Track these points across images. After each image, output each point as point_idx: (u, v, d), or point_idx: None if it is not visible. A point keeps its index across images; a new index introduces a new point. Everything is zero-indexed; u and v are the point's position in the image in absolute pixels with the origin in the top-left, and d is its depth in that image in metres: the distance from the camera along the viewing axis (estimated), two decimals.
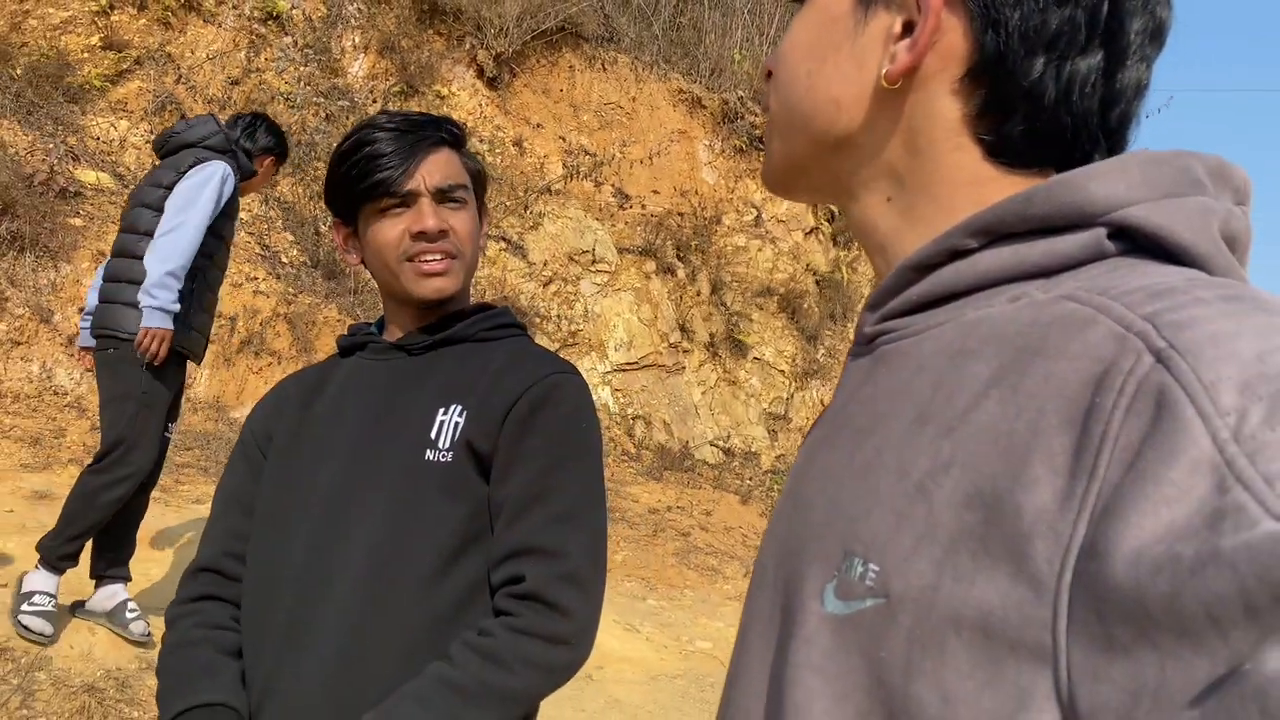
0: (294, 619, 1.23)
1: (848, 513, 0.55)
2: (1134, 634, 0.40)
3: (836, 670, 0.53)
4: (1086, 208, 0.54)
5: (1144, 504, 0.41)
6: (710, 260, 9.57)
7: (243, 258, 7.18)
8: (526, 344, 1.41)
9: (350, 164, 1.33)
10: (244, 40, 8.22)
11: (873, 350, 0.64)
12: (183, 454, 6.04)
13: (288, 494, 1.32)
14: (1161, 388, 0.43)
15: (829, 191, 0.69)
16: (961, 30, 0.59)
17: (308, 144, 8.25)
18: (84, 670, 3.29)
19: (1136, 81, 0.60)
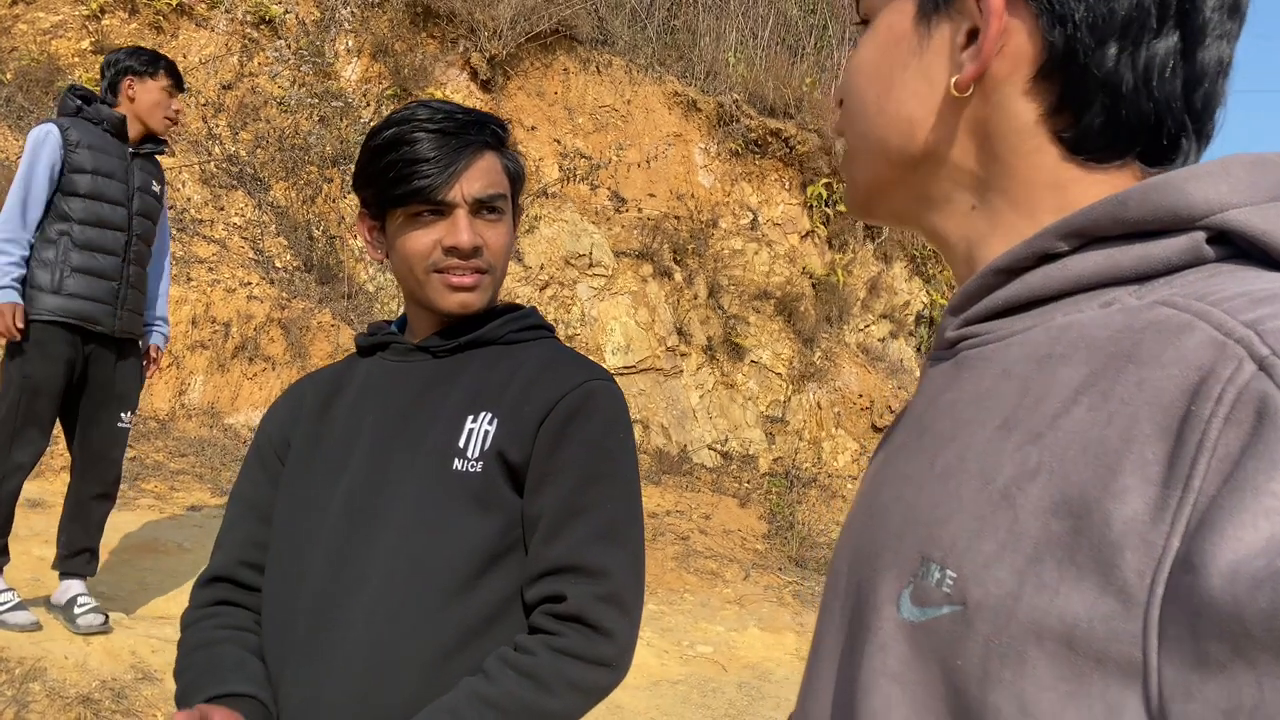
0: (316, 630, 1.19)
1: (926, 518, 0.54)
2: (1230, 651, 0.39)
3: (915, 679, 0.51)
4: (1184, 210, 0.52)
5: (1243, 516, 0.39)
6: (707, 263, 9.55)
7: (236, 262, 7.14)
8: (557, 347, 1.36)
9: (387, 162, 1.25)
10: (236, 44, 8.18)
11: (954, 355, 0.62)
12: (177, 460, 5.99)
13: (307, 502, 1.27)
14: (1264, 397, 0.41)
15: (914, 209, 0.68)
16: (1027, 30, 0.57)
17: (301, 147, 8.21)
18: (79, 681, 3.24)
19: (1218, 59, 0.58)
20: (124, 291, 3.61)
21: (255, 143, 8.09)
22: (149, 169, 3.73)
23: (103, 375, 3.62)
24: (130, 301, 3.64)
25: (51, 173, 3.46)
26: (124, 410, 3.69)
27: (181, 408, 6.48)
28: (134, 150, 3.66)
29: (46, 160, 3.46)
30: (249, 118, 8.12)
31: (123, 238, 3.60)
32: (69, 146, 3.50)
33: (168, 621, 3.92)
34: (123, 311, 3.61)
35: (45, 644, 3.35)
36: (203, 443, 6.31)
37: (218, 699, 1.15)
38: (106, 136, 3.59)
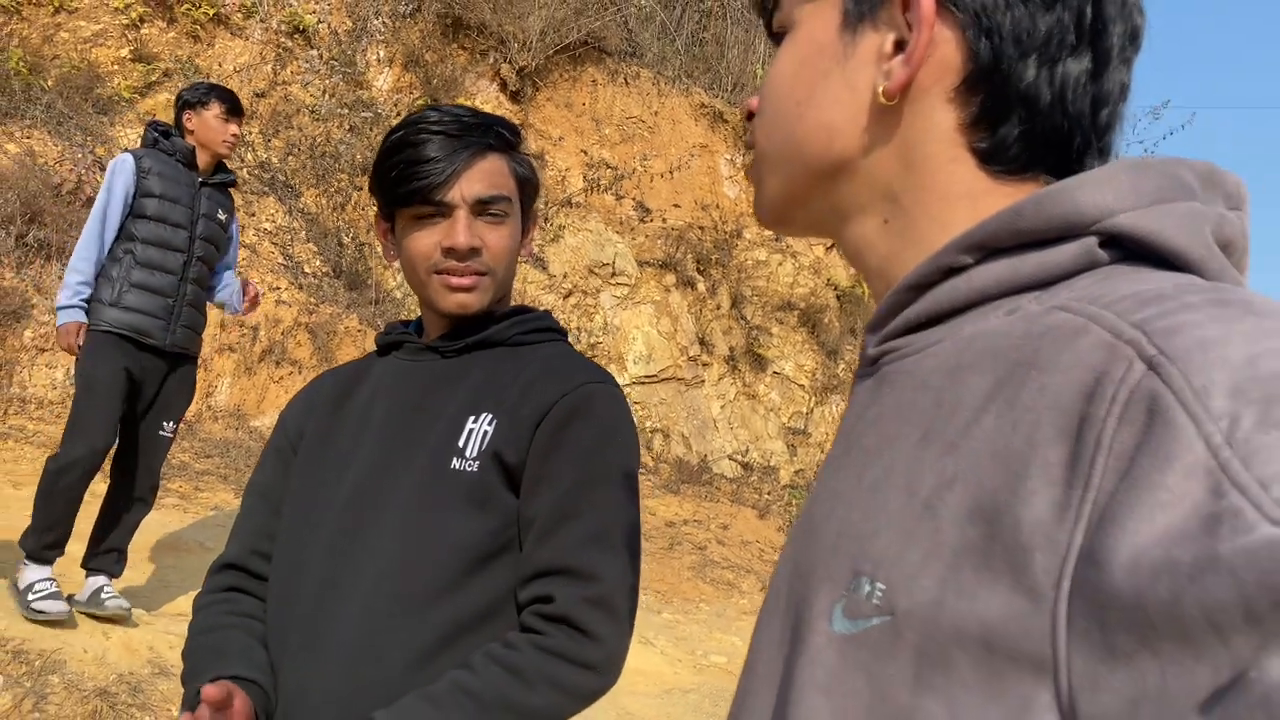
0: (312, 620, 1.22)
1: (857, 533, 0.56)
2: (1135, 641, 0.40)
3: (840, 690, 0.53)
4: (1074, 218, 0.54)
5: (1140, 510, 0.41)
6: (731, 274, 9.57)
7: (266, 268, 7.26)
8: (563, 350, 1.36)
9: (392, 164, 1.29)
10: (270, 53, 8.33)
11: (877, 371, 0.64)
12: (202, 461, 6.10)
13: (313, 493, 1.30)
14: (1153, 394, 0.43)
15: (826, 220, 0.69)
16: (954, 41, 0.59)
17: (332, 155, 8.34)
18: (97, 674, 3.32)
19: (1121, 83, 0.61)
20: (179, 309, 3.82)
21: (287, 150, 8.23)
22: (217, 198, 3.96)
23: (152, 386, 3.82)
24: (185, 318, 3.84)
25: (125, 198, 3.75)
26: (167, 420, 3.87)
27: (208, 409, 6.60)
28: (204, 180, 3.92)
29: (121, 187, 3.75)
30: (281, 125, 8.26)
31: (181, 258, 3.83)
32: (141, 174, 3.78)
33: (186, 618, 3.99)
34: (176, 328, 3.82)
35: (65, 637, 3.44)
36: (228, 444, 6.42)
37: (223, 678, 1.18)
38: (178, 166, 3.87)
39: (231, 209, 4.06)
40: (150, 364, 3.79)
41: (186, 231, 3.83)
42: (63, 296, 3.67)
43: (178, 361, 3.88)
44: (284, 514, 1.34)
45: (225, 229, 4.00)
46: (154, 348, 3.76)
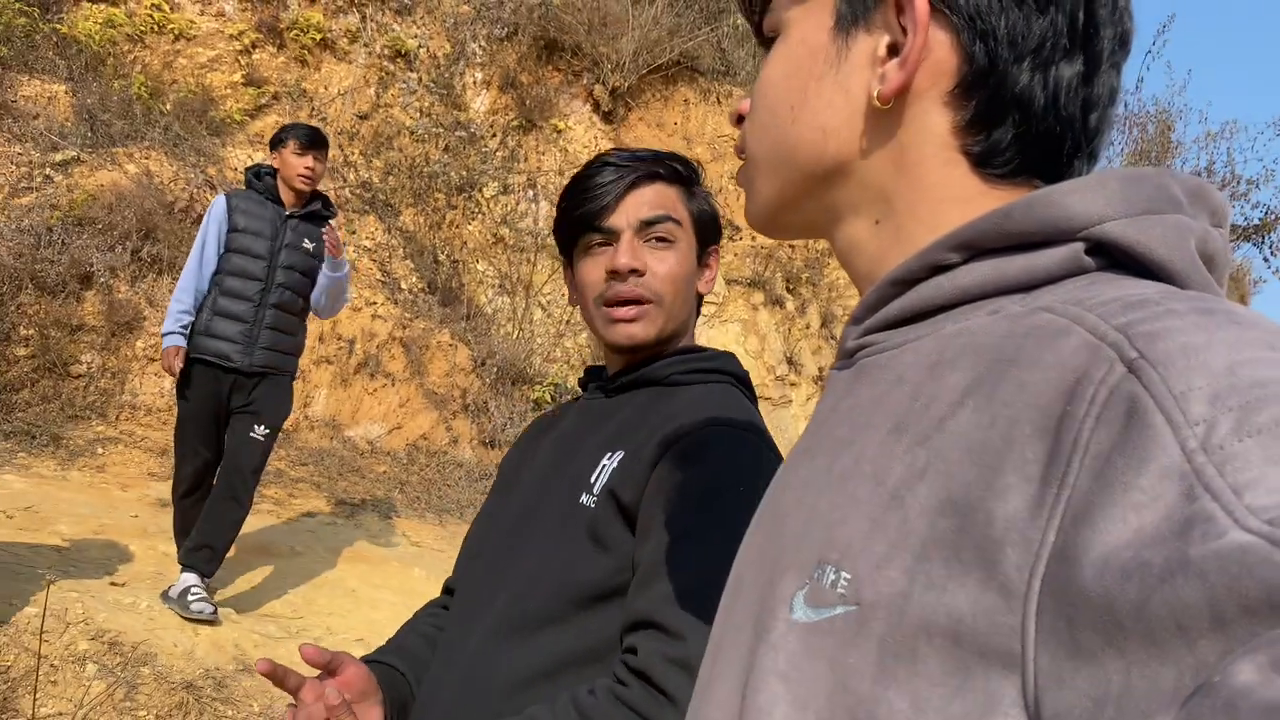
0: (454, 637, 1.28)
1: (824, 521, 0.56)
2: (1101, 640, 0.40)
3: (799, 676, 0.53)
4: (1064, 223, 0.54)
5: (1113, 510, 0.41)
6: (821, 293, 9.48)
7: (363, 283, 7.50)
8: (718, 391, 1.31)
9: (567, 195, 1.32)
10: (373, 76, 8.63)
11: (854, 363, 0.64)
12: (297, 469, 6.32)
13: (488, 523, 1.37)
14: (1132, 397, 0.43)
15: (819, 224, 0.69)
16: (949, 44, 0.59)
17: (429, 175, 8.58)
18: (185, 668, 3.47)
19: (1110, 87, 0.61)
20: (257, 332, 4.12)
21: (387, 170, 8.50)
22: (304, 229, 4.25)
23: (240, 399, 4.13)
24: (265, 341, 4.13)
25: (219, 233, 4.15)
26: (257, 425, 4.11)
27: (305, 419, 6.84)
28: (290, 213, 4.22)
29: (214, 224, 4.16)
30: (382, 146, 8.54)
31: (259, 286, 4.13)
32: (231, 211, 4.17)
33: (271, 619, 4.15)
34: (256, 350, 4.11)
35: (157, 632, 3.61)
36: (322, 453, 6.64)
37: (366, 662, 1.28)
38: (264, 202, 4.22)
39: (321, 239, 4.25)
40: (237, 381, 4.12)
41: (266, 261, 4.14)
42: (166, 324, 4.06)
43: (264, 378, 4.15)
44: (463, 546, 1.41)
45: (313, 257, 4.24)
46: (235, 369, 4.07)
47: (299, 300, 4.27)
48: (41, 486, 4.96)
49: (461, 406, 7.61)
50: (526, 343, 8.35)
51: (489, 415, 7.65)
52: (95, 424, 5.97)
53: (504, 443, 7.56)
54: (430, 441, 7.34)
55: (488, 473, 7.25)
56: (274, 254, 4.15)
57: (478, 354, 7.87)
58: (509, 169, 8.96)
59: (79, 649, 3.32)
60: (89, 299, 6.30)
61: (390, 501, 6.33)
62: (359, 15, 8.66)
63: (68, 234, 6.32)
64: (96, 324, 6.28)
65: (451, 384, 7.64)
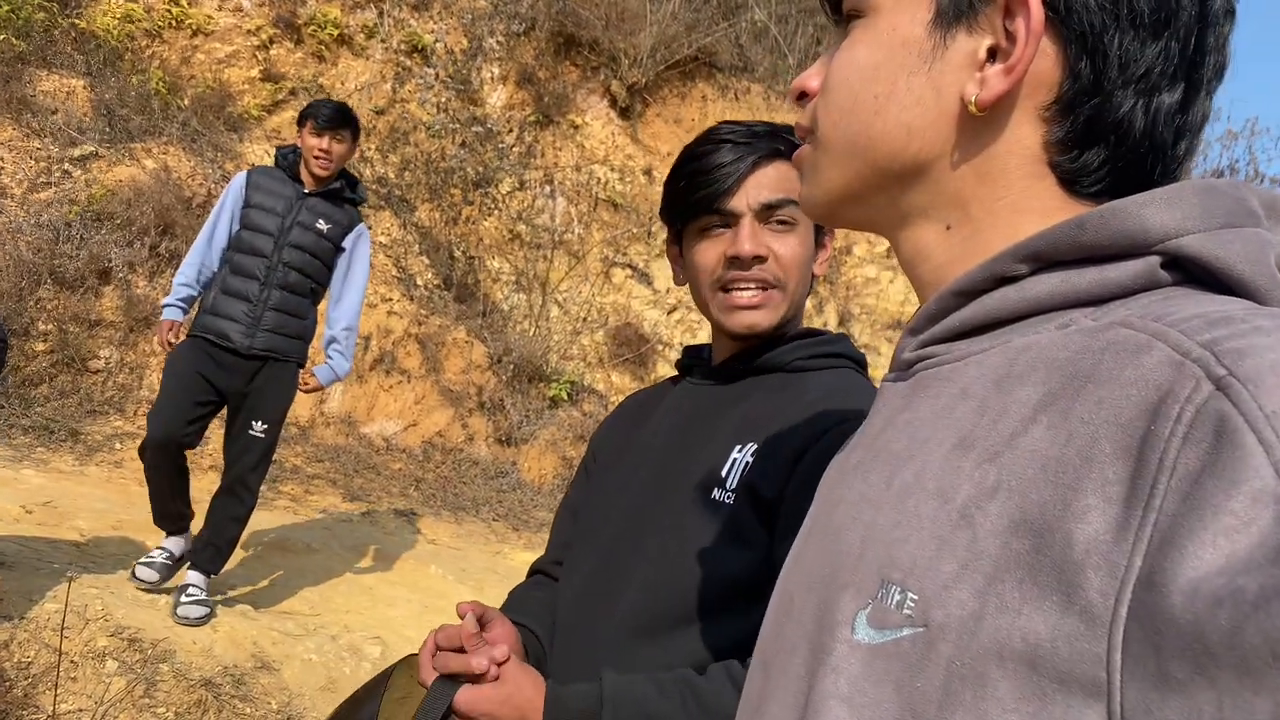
0: (573, 630, 1.24)
1: (885, 539, 0.54)
2: (1191, 670, 0.39)
3: (864, 701, 0.51)
4: (1139, 236, 0.52)
5: (1203, 535, 0.39)
6: (839, 291, 9.44)
7: (379, 279, 7.49)
8: (849, 379, 1.26)
9: (681, 176, 1.26)
10: (390, 72, 8.62)
11: (911, 375, 0.62)
12: (314, 465, 6.32)
13: (594, 512, 1.33)
14: (1221, 416, 0.41)
15: (883, 223, 0.66)
16: (1055, 57, 0.57)
17: (446, 170, 8.57)
18: (204, 665, 3.45)
19: (1204, 115, 0.59)
20: (261, 313, 3.94)
21: (403, 165, 8.49)
22: (321, 209, 4.06)
23: (237, 387, 3.95)
24: (270, 323, 3.96)
25: (235, 208, 4.02)
26: (255, 420, 3.98)
27: (321, 415, 6.84)
28: (309, 192, 4.06)
29: (230, 199, 4.03)
30: (399, 141, 8.53)
31: (264, 264, 3.96)
32: (250, 187, 4.03)
33: (290, 616, 4.14)
34: (258, 332, 3.93)
35: (176, 628, 3.60)
36: (338, 450, 6.64)
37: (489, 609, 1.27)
38: (284, 179, 4.06)
39: (345, 222, 4.11)
40: (234, 365, 3.91)
41: (274, 239, 3.95)
42: (166, 297, 3.97)
43: (265, 364, 3.97)
44: (575, 528, 1.37)
45: (330, 240, 4.06)
46: (234, 350, 3.90)
47: (308, 282, 4.05)
48: (60, 482, 4.96)
49: (478, 404, 7.60)
50: (543, 340, 8.33)
51: (505, 413, 7.63)
52: (113, 419, 5.97)
53: (519, 440, 7.54)
54: (446, 439, 7.33)
55: (504, 470, 7.24)
56: (283, 232, 3.96)
57: (494, 351, 7.85)
58: (525, 165, 8.94)
59: (99, 645, 3.31)
60: (107, 294, 6.30)
61: (406, 499, 6.32)
62: (376, 11, 8.65)
63: (86, 229, 6.33)
64: (115, 319, 6.29)
65: (468, 381, 7.63)
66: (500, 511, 6.54)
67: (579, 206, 8.96)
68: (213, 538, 3.92)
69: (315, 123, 3.94)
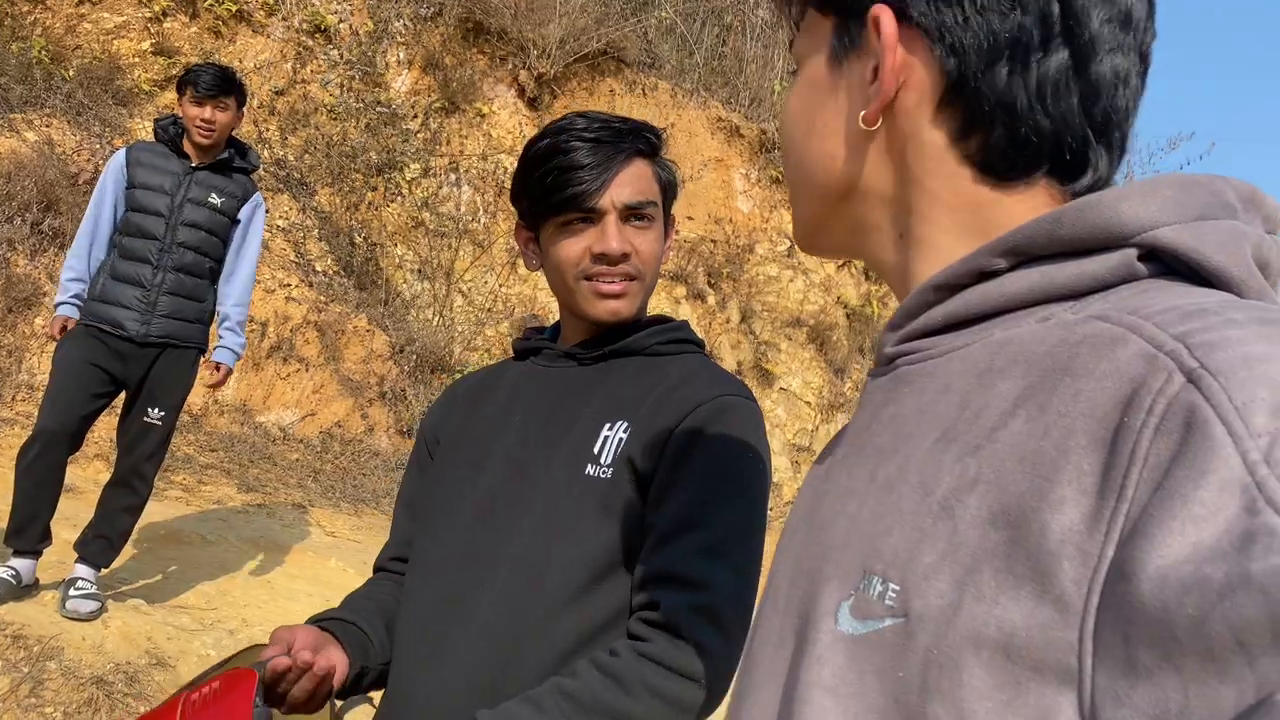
0: (440, 620, 1.23)
1: (868, 531, 0.55)
2: (1158, 657, 0.39)
3: (849, 691, 0.52)
4: (1116, 229, 0.53)
5: (1172, 523, 0.40)
6: (741, 288, 9.56)
7: (276, 264, 7.27)
8: (703, 361, 1.35)
9: (543, 172, 1.29)
10: (291, 51, 8.36)
11: (893, 370, 0.63)
12: (207, 455, 6.10)
13: (445, 498, 1.32)
14: (1192, 407, 0.42)
15: (850, 240, 0.70)
16: (925, 60, 0.60)
17: (348, 155, 8.36)
18: (94, 662, 3.31)
19: (1113, 72, 0.59)
20: (155, 299, 3.71)
21: (304, 148, 8.25)
22: (213, 183, 3.81)
23: (136, 376, 3.74)
24: (166, 308, 3.73)
25: (117, 189, 3.76)
26: (152, 407, 3.76)
27: (214, 403, 6.60)
28: (197, 165, 3.80)
29: (111, 180, 3.76)
30: (299, 123, 8.28)
31: (156, 246, 3.72)
32: (130, 165, 3.76)
33: (185, 610, 3.99)
34: (154, 318, 3.71)
35: (64, 624, 3.43)
36: (233, 439, 6.42)
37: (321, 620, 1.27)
38: (168, 154, 3.79)
39: (239, 195, 3.89)
40: (131, 354, 3.70)
41: (165, 219, 3.72)
42: (58, 296, 3.75)
43: (164, 351, 3.77)
44: (418, 519, 1.36)
45: (225, 214, 3.85)
46: (129, 338, 3.68)
47: (205, 261, 3.82)
48: None
49: (378, 394, 7.44)
50: (447, 330, 8.21)
51: (407, 404, 7.50)
52: None
53: None
54: (345, 430, 7.17)
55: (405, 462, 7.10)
56: (174, 210, 3.72)
57: (396, 340, 7.70)
58: (431, 151, 8.79)
59: None
60: None
61: (304, 490, 6.16)
62: None
63: None
64: None
65: (368, 371, 7.46)
66: None
67: (485, 195, 8.86)
68: (104, 529, 3.73)
69: (195, 90, 3.68)
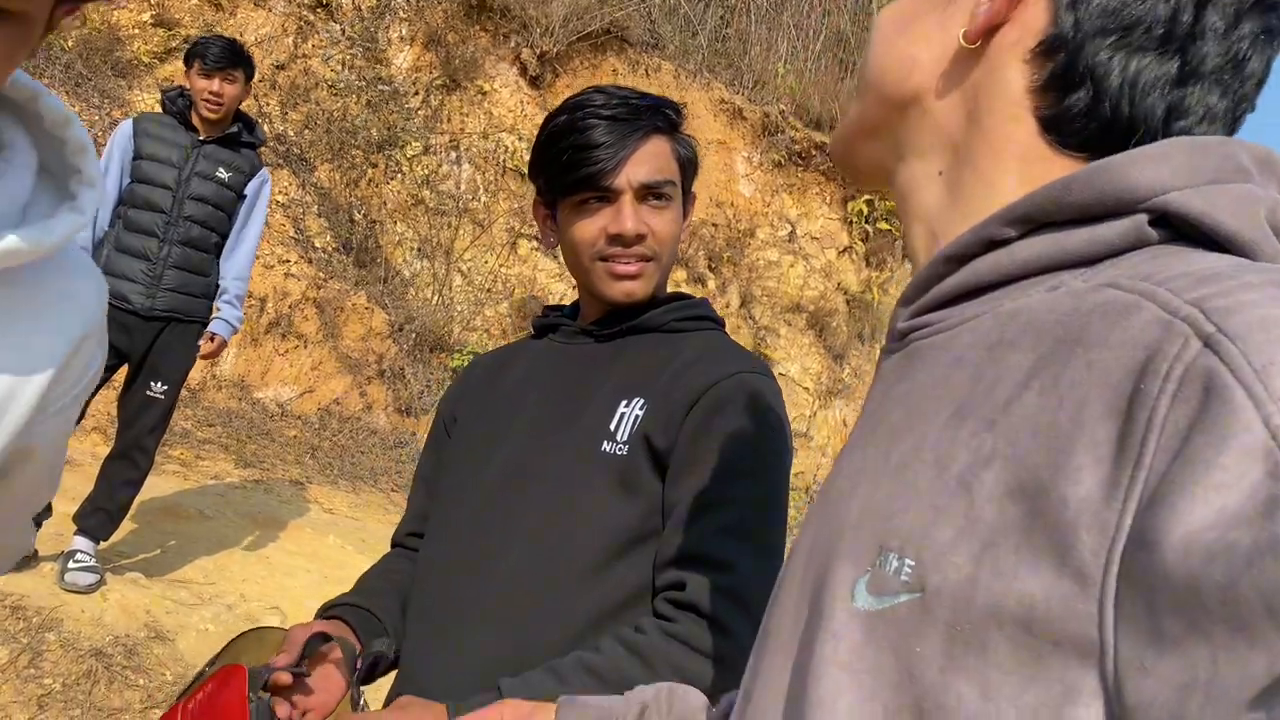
0: (456, 595, 1.22)
1: (884, 508, 0.54)
2: (1185, 626, 0.39)
3: (864, 666, 0.51)
4: (1126, 194, 0.53)
5: (1194, 490, 0.39)
6: (741, 273, 9.54)
7: (276, 240, 7.23)
8: (720, 338, 1.34)
9: (559, 149, 1.27)
10: (292, 25, 8.29)
11: (906, 346, 0.63)
12: (204, 430, 6.08)
13: (462, 473, 1.32)
14: (1210, 372, 0.41)
15: (889, 161, 0.69)
16: (1045, 3, 0.59)
17: (348, 131, 8.30)
18: (93, 635, 3.30)
19: (1207, 106, 0.58)
20: (161, 272, 3.70)
21: (304, 123, 8.19)
22: (220, 157, 3.79)
23: (139, 349, 3.73)
24: (171, 282, 3.72)
25: (123, 160, 3.72)
26: (154, 381, 3.76)
27: (212, 378, 6.58)
28: (204, 139, 3.77)
29: (118, 150, 3.72)
30: (300, 99, 8.22)
31: (163, 219, 3.70)
32: (138, 136, 3.72)
33: (183, 585, 3.98)
34: (159, 292, 3.70)
35: (63, 596, 3.42)
36: (230, 414, 6.40)
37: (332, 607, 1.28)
38: (175, 127, 3.76)
39: (245, 169, 3.88)
40: (136, 327, 3.68)
41: (171, 192, 3.70)
42: None
43: (167, 325, 3.76)
44: (435, 494, 1.36)
45: (229, 188, 3.83)
46: (134, 312, 3.65)
47: (211, 236, 3.81)
48: None
49: (377, 372, 7.42)
50: (446, 309, 8.18)
51: (405, 383, 7.48)
52: None
53: (420, 410, 7.40)
54: (343, 407, 7.15)
55: (403, 440, 7.10)
56: (181, 183, 3.70)
57: (395, 319, 7.68)
58: (431, 129, 8.74)
59: None
60: None
61: (301, 467, 6.14)
62: None
63: None
64: None
65: (367, 348, 7.44)
66: (399, 482, 6.42)
67: (485, 174, 8.82)
68: (104, 502, 3.71)
69: (203, 63, 3.65)
